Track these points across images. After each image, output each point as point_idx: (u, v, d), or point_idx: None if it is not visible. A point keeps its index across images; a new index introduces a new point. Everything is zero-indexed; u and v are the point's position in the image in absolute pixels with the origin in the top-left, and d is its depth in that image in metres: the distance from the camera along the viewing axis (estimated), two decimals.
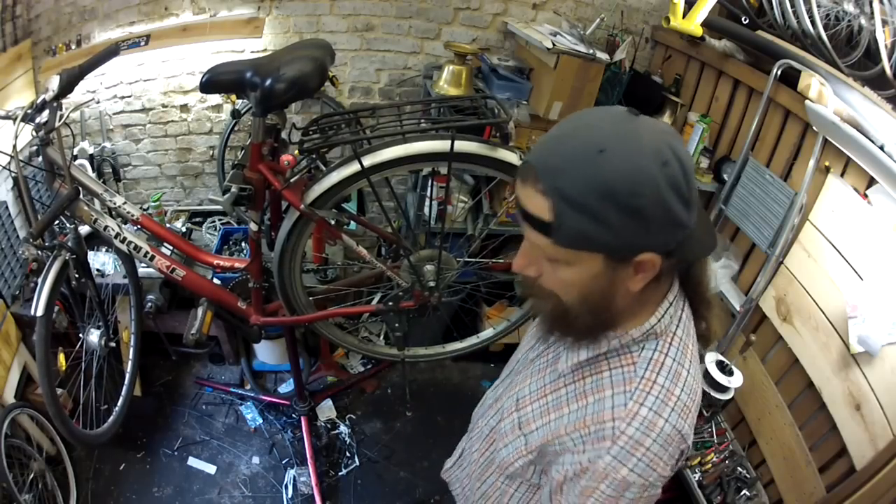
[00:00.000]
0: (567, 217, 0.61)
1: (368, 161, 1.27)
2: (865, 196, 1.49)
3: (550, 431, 0.79)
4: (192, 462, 2.16)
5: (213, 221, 2.51)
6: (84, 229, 1.55)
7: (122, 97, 2.27)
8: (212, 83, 1.27)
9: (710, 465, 1.80)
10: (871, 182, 1.48)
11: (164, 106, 2.34)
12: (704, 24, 1.98)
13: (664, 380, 0.71)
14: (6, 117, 1.31)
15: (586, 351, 0.76)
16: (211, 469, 2.15)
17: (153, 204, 2.31)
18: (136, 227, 1.52)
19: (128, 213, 1.47)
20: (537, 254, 0.69)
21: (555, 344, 0.86)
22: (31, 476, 1.70)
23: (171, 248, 1.65)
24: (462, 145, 1.28)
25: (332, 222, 1.39)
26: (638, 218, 0.60)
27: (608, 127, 0.62)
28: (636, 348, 0.73)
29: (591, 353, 0.76)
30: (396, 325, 1.60)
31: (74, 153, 2.07)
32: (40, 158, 1.37)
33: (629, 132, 0.61)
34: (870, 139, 1.43)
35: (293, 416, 2.34)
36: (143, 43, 2.04)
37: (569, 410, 0.78)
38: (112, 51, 1.48)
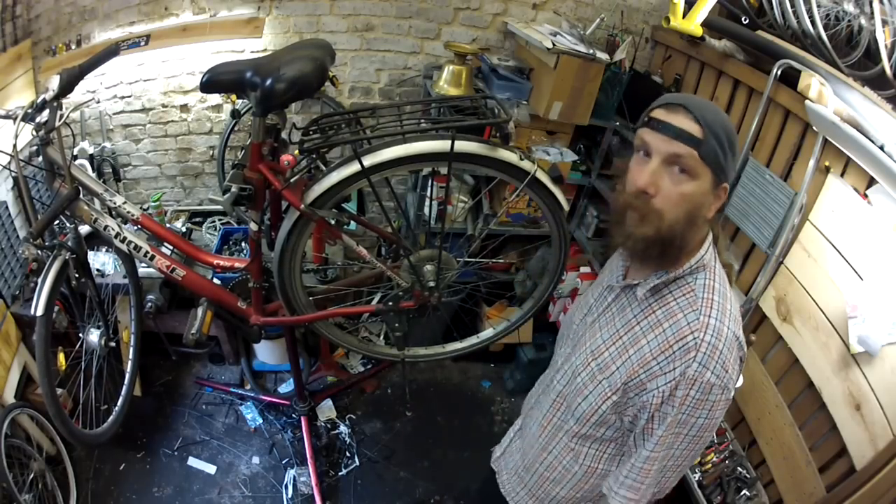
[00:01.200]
0: (709, 138, 0.84)
1: (368, 161, 1.27)
2: (865, 196, 1.49)
3: (633, 364, 0.94)
4: (192, 462, 2.16)
5: (213, 221, 2.51)
6: (84, 229, 1.55)
7: (122, 97, 2.27)
8: (212, 83, 1.27)
9: (710, 465, 1.80)
10: (871, 182, 1.48)
11: (164, 106, 2.34)
12: (704, 24, 1.98)
13: (719, 297, 0.91)
14: (6, 117, 1.31)
15: (655, 278, 0.94)
16: (211, 469, 2.15)
17: (153, 204, 2.31)
18: (136, 227, 1.52)
19: (128, 212, 1.47)
20: (661, 175, 0.87)
21: (618, 296, 1.03)
22: (31, 476, 1.70)
23: (171, 247, 1.65)
24: (462, 145, 1.28)
25: (332, 222, 1.39)
26: (734, 152, 0.88)
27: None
28: (691, 279, 0.93)
29: (659, 279, 0.94)
30: (396, 325, 1.60)
31: (74, 153, 2.07)
32: (40, 158, 1.37)
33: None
34: (870, 139, 1.43)
35: (293, 416, 2.34)
36: (143, 43, 2.04)
37: (647, 341, 0.93)
38: (112, 51, 1.48)
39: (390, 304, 1.55)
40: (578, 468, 1.09)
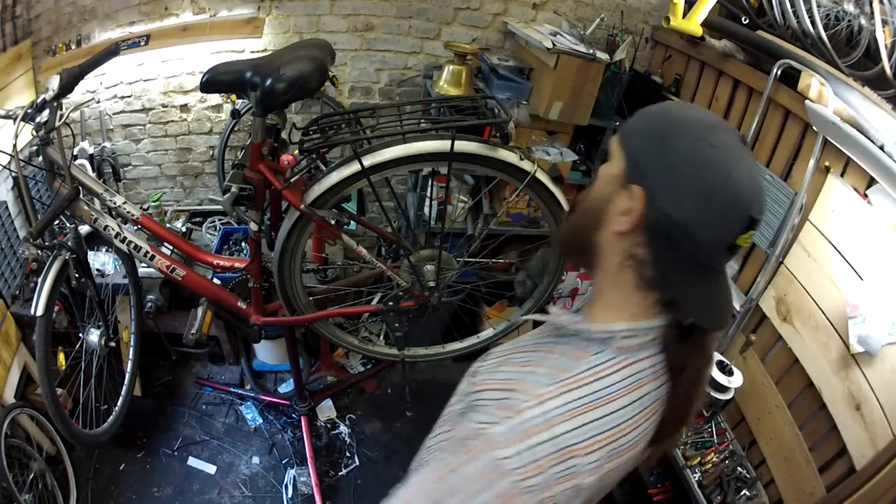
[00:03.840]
0: (635, 120, 0.68)
1: (368, 161, 1.27)
2: (865, 196, 1.49)
3: (483, 381, 0.73)
4: (192, 462, 2.16)
5: (213, 221, 2.51)
6: (84, 229, 1.55)
7: (122, 97, 2.27)
8: (212, 83, 1.27)
9: (710, 465, 1.80)
10: (871, 182, 1.48)
11: (164, 106, 2.34)
12: (704, 24, 1.98)
13: (593, 393, 0.65)
14: (6, 117, 1.31)
15: (567, 319, 0.74)
16: (211, 469, 2.15)
17: (153, 204, 2.31)
18: (136, 227, 1.52)
19: (128, 212, 1.47)
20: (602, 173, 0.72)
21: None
22: (31, 476, 1.69)
23: (171, 247, 1.65)
24: (462, 145, 1.28)
25: (332, 222, 1.39)
26: (667, 150, 0.63)
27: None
28: (595, 349, 0.68)
29: (567, 323, 0.73)
30: (396, 325, 1.60)
31: (74, 153, 2.07)
32: (40, 158, 1.37)
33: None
34: (870, 139, 1.43)
35: (293, 416, 2.34)
36: (143, 43, 2.04)
37: (507, 370, 0.73)
38: (112, 51, 1.48)
39: (390, 304, 1.55)
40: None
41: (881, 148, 1.40)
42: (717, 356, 1.70)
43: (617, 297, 0.71)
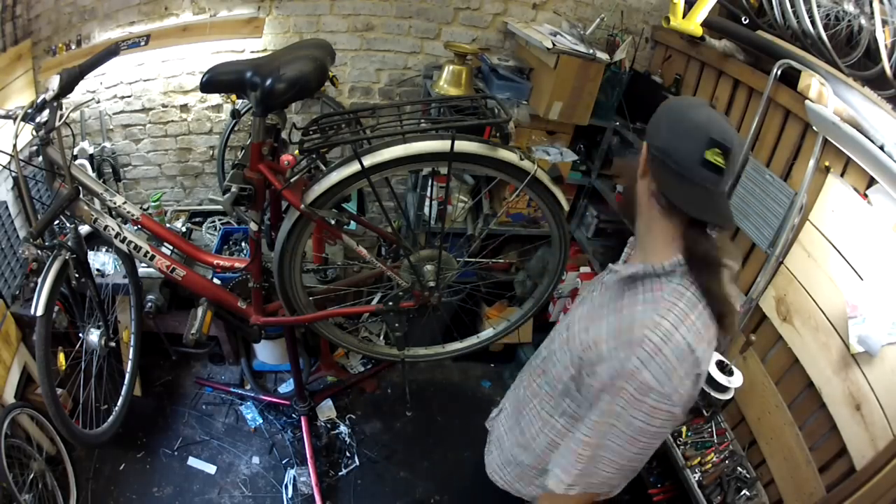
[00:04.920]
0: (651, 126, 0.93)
1: (368, 161, 1.27)
2: (865, 196, 1.49)
3: (589, 339, 0.97)
4: (192, 462, 2.16)
5: (213, 221, 2.51)
6: (84, 229, 1.55)
7: (122, 97, 2.27)
8: (212, 83, 1.27)
9: (710, 465, 1.80)
10: (871, 182, 1.48)
11: (164, 106, 2.34)
12: (704, 24, 1.98)
13: (683, 305, 0.89)
14: (6, 117, 1.31)
15: (632, 268, 0.96)
16: (211, 469, 2.15)
17: (153, 204, 2.31)
18: (136, 227, 1.52)
19: (128, 212, 1.47)
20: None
21: (606, 280, 1.06)
22: (31, 476, 1.69)
23: (171, 247, 1.65)
24: (462, 145, 1.28)
25: (332, 222, 1.39)
26: (669, 122, 0.89)
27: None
28: (665, 280, 0.92)
29: (633, 270, 0.96)
30: (396, 325, 1.60)
31: (74, 153, 2.07)
32: (40, 158, 1.37)
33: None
34: (870, 139, 1.43)
35: (293, 416, 2.34)
36: (143, 43, 2.05)
37: (606, 322, 0.96)
38: (112, 51, 1.48)
39: (390, 304, 1.56)
40: (543, 438, 1.11)
41: (881, 148, 1.40)
42: (718, 356, 1.70)
43: (653, 236, 0.95)
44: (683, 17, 1.96)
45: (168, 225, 2.34)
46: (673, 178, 0.87)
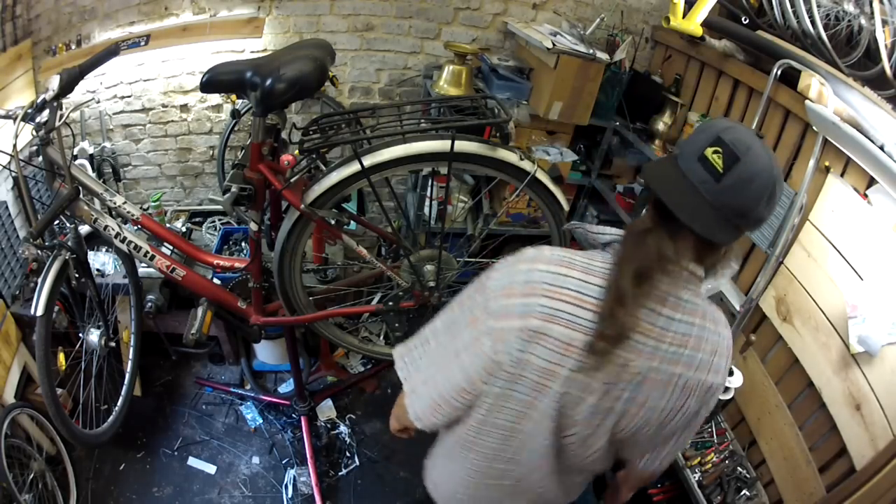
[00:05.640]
0: None
1: (368, 161, 1.27)
2: (865, 196, 1.49)
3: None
4: (192, 462, 2.16)
5: (213, 221, 2.51)
6: (84, 229, 1.55)
7: (122, 97, 2.27)
8: (212, 83, 1.27)
9: (710, 465, 1.80)
10: (871, 182, 1.48)
11: (164, 106, 2.34)
12: (704, 24, 1.98)
13: (577, 260, 0.83)
14: (6, 117, 1.31)
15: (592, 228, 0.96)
16: (211, 469, 2.15)
17: (153, 204, 2.31)
18: (136, 227, 1.52)
19: (128, 212, 1.47)
20: None
21: None
22: (31, 476, 1.69)
23: (171, 247, 1.65)
24: (462, 145, 1.28)
25: (332, 222, 1.39)
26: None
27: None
28: (600, 249, 0.89)
29: (582, 227, 0.96)
30: (396, 325, 1.60)
31: (74, 153, 2.07)
32: (40, 158, 1.37)
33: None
34: (870, 139, 1.43)
35: (293, 416, 2.34)
36: (143, 43, 2.05)
37: None
38: (112, 51, 1.48)
39: (390, 304, 1.55)
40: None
41: (881, 148, 1.40)
42: None
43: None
44: (683, 17, 1.96)
45: (168, 225, 2.34)
46: (666, 163, 0.82)
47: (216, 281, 1.75)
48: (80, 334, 1.74)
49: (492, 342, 0.81)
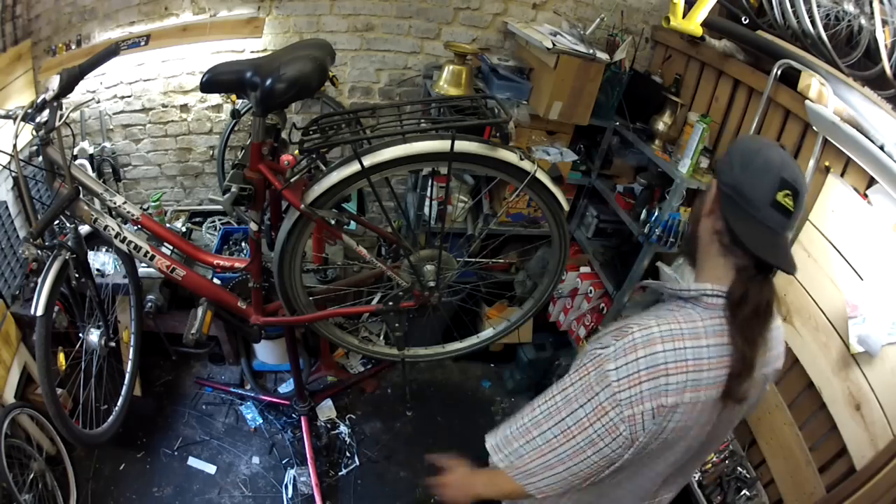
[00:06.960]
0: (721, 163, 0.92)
1: (368, 161, 1.27)
2: (865, 196, 1.49)
3: (605, 332, 0.96)
4: (192, 462, 2.16)
5: (213, 221, 2.51)
6: (84, 229, 1.55)
7: (122, 97, 2.27)
8: (212, 83, 1.27)
9: (710, 465, 1.80)
10: (871, 182, 1.48)
11: (164, 106, 2.34)
12: (704, 24, 1.98)
13: (685, 328, 0.86)
14: (6, 117, 1.31)
15: (656, 284, 1.03)
16: (211, 469, 2.15)
17: (153, 204, 2.31)
18: (136, 227, 1.52)
19: (128, 212, 1.47)
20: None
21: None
22: (31, 476, 1.69)
23: (171, 247, 1.65)
24: (462, 145, 1.28)
25: (332, 222, 1.39)
26: (740, 163, 0.86)
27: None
28: (690, 305, 0.90)
29: (656, 285, 1.01)
30: (396, 325, 1.60)
31: (74, 153, 2.07)
32: (40, 158, 1.37)
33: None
34: (870, 139, 1.43)
35: (293, 416, 2.34)
36: (143, 43, 2.04)
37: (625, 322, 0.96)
38: (112, 51, 1.48)
39: (390, 304, 1.55)
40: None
41: (881, 148, 1.40)
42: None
43: (706, 266, 0.93)
44: (683, 17, 1.96)
45: (168, 225, 2.34)
46: (742, 220, 0.85)
47: (216, 281, 1.75)
48: (80, 334, 1.74)
49: (628, 427, 0.86)
